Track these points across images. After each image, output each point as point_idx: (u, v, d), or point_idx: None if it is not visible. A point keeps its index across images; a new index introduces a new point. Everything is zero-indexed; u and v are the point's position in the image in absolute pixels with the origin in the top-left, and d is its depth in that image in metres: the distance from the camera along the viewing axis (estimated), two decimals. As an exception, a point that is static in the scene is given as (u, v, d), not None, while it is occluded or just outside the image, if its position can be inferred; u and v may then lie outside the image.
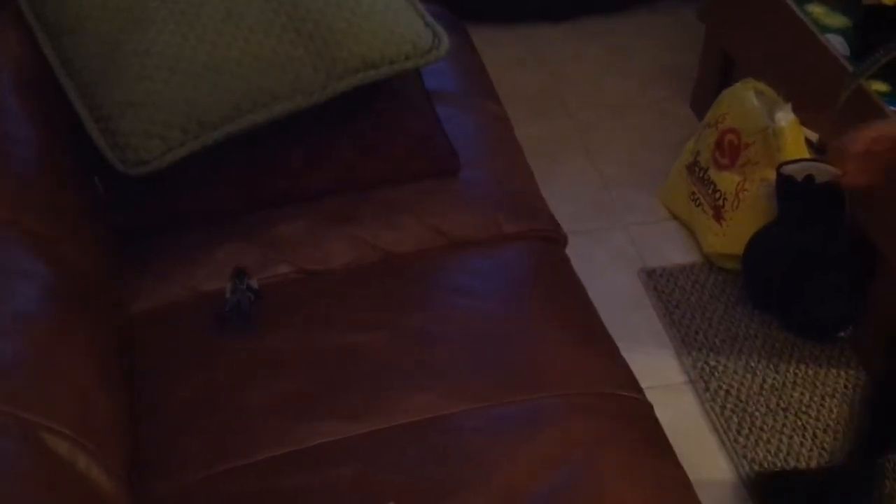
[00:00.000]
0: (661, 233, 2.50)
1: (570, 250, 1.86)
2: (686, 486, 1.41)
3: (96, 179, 1.69)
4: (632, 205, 2.57)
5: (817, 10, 2.25)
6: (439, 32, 1.85)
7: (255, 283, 1.59)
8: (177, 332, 1.58)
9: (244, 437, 1.41)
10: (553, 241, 1.82)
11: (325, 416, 1.42)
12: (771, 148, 2.20)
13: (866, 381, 1.80)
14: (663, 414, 1.54)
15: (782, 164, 2.14)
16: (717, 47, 2.67)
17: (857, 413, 1.78)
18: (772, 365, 2.15)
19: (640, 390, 1.54)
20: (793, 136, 2.18)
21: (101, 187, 1.69)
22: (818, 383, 2.11)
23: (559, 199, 2.01)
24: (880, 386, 1.71)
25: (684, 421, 2.04)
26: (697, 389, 2.10)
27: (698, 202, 2.41)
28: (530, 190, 1.91)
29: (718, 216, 2.34)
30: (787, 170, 2.12)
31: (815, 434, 2.00)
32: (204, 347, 1.54)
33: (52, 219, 1.46)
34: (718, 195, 2.34)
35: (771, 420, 2.03)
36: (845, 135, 1.47)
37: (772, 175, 2.18)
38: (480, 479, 1.32)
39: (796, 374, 2.13)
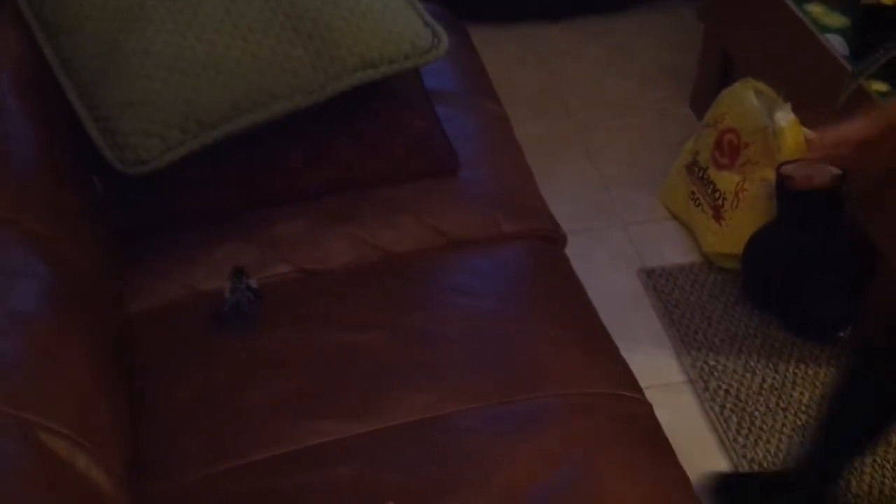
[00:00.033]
0: (660, 232, 2.50)
1: (569, 250, 1.86)
2: (685, 485, 1.41)
3: (95, 179, 1.69)
4: (631, 204, 2.57)
5: (817, 9, 2.25)
6: (438, 32, 1.84)
7: (255, 283, 1.59)
8: (176, 332, 1.58)
9: (244, 436, 1.41)
10: (552, 240, 1.82)
11: (325, 415, 1.42)
12: (770, 148, 2.20)
13: (834, 382, 1.79)
14: (663, 413, 1.54)
15: (782, 164, 2.14)
16: (716, 47, 2.67)
17: (820, 416, 1.77)
18: (771, 364, 2.15)
19: (639, 390, 1.54)
20: (792, 136, 2.18)
21: (100, 186, 1.69)
22: (818, 383, 2.11)
23: (559, 199, 2.01)
24: (846, 386, 1.70)
25: (684, 420, 2.04)
26: (697, 389, 2.10)
27: (698, 202, 2.41)
28: (530, 189, 1.91)
29: (718, 216, 2.34)
30: (786, 169, 2.12)
31: (814, 434, 2.00)
32: (203, 347, 1.54)
33: (51, 218, 1.46)
34: (718, 195, 2.34)
35: (770, 420, 2.03)
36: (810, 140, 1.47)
37: (771, 175, 2.18)
38: (480, 478, 1.32)
39: (796, 373, 2.13)
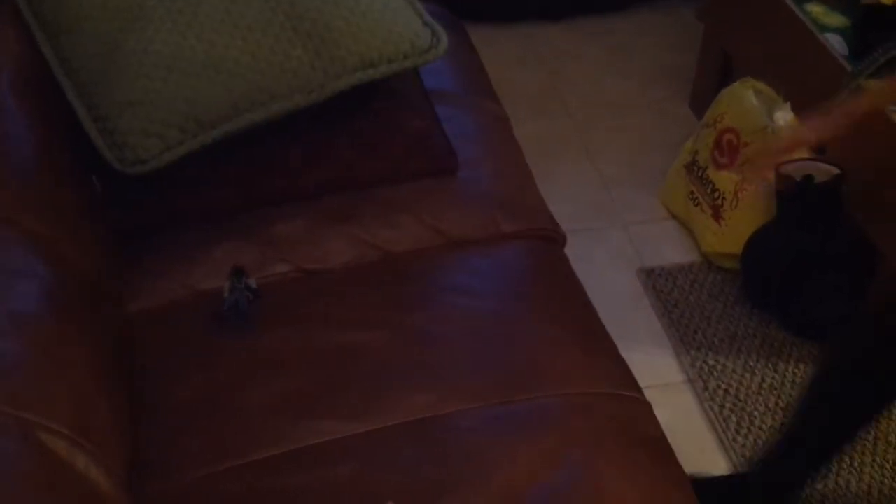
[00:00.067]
0: (660, 232, 2.50)
1: (569, 250, 1.86)
2: (685, 485, 1.41)
3: (94, 178, 1.69)
4: (631, 204, 2.57)
5: (816, 9, 2.25)
6: (438, 31, 1.84)
7: (254, 282, 1.59)
8: (176, 332, 1.58)
9: (243, 436, 1.41)
10: (552, 240, 1.82)
11: (324, 415, 1.42)
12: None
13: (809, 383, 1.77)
14: (662, 413, 1.54)
15: (781, 164, 2.14)
16: (716, 47, 2.67)
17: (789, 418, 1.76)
18: (770, 364, 2.15)
19: (638, 390, 1.54)
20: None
21: (99, 185, 1.69)
22: (817, 383, 2.11)
23: (558, 199, 2.01)
24: (821, 387, 1.68)
25: (683, 420, 2.04)
26: (696, 389, 2.10)
27: (697, 202, 2.41)
28: (529, 189, 1.91)
29: (717, 215, 2.34)
30: (785, 169, 2.12)
31: (813, 433, 2.00)
32: (203, 347, 1.54)
33: (51, 218, 1.46)
34: (717, 194, 2.34)
35: (770, 419, 2.03)
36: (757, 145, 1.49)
37: (771, 174, 2.18)
38: (480, 478, 1.32)
39: (795, 373, 2.13)
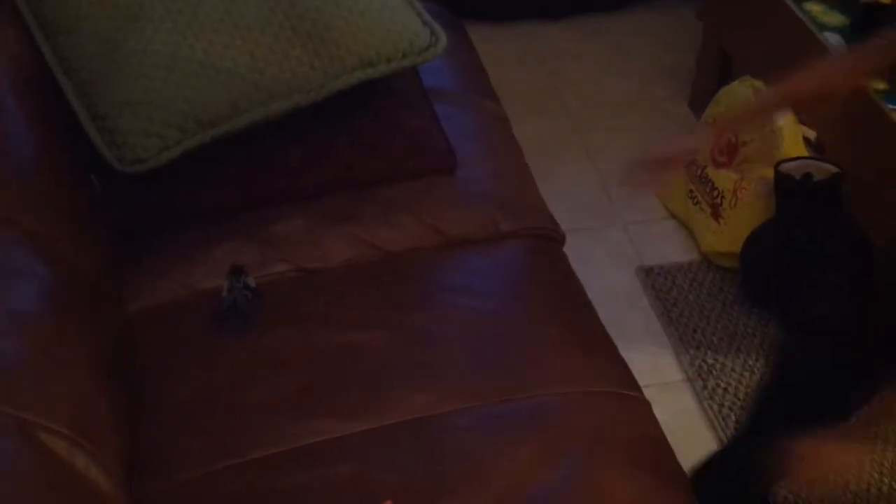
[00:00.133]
0: (659, 231, 2.50)
1: (568, 249, 1.86)
2: (684, 483, 1.41)
3: (92, 177, 1.69)
4: (630, 204, 2.57)
5: (815, 8, 2.25)
6: (437, 30, 1.84)
7: (253, 282, 1.59)
8: (176, 331, 1.58)
9: (243, 435, 1.41)
10: (551, 239, 1.82)
11: (324, 414, 1.42)
12: (769, 146, 2.20)
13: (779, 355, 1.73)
14: (661, 412, 1.54)
15: (780, 163, 2.14)
16: (715, 46, 2.67)
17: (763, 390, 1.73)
18: (769, 363, 2.14)
19: (638, 389, 1.54)
20: (791, 135, 2.18)
21: (98, 185, 1.69)
22: (816, 381, 2.11)
23: (557, 198, 2.01)
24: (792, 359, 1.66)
25: (682, 419, 2.04)
26: (695, 387, 2.10)
27: (696, 201, 2.41)
28: (528, 188, 1.91)
29: (716, 214, 2.34)
30: (785, 168, 2.12)
31: (813, 432, 2.00)
32: (203, 346, 1.54)
33: (50, 218, 1.46)
34: (716, 193, 2.34)
35: (769, 418, 2.03)
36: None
37: (770, 173, 2.18)
38: (479, 477, 1.32)
39: (794, 372, 2.13)
